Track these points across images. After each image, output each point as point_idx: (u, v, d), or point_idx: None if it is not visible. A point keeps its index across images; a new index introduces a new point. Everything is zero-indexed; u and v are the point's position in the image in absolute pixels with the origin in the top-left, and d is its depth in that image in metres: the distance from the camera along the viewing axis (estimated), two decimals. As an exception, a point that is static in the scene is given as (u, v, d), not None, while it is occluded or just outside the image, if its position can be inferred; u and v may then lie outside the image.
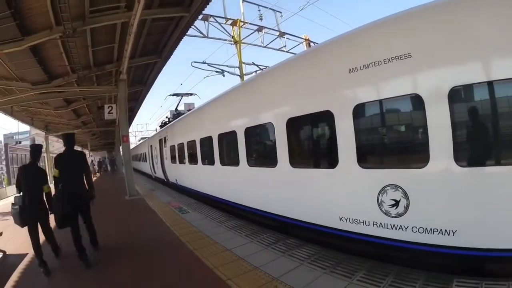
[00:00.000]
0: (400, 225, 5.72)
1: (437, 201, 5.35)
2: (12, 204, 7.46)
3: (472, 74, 4.97)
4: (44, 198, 7.60)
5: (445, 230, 5.21)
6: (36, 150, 8.13)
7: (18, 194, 7.39)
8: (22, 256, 8.28)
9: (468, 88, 5.09)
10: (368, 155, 6.43)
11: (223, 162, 11.98)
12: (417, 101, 5.47)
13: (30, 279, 6.78)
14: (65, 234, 7.64)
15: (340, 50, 7.21)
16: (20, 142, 51.66)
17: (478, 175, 5.00)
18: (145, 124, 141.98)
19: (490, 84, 4.84)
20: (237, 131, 10.46)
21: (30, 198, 7.22)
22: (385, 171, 5.98)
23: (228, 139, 11.46)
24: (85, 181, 8.16)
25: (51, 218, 7.78)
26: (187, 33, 17.10)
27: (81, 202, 7.90)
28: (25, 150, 54.17)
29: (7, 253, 8.76)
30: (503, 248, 4.81)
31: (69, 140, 8.48)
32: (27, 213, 7.17)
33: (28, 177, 7.48)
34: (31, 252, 7.73)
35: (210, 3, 13.63)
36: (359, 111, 6.34)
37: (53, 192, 7.88)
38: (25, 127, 53.13)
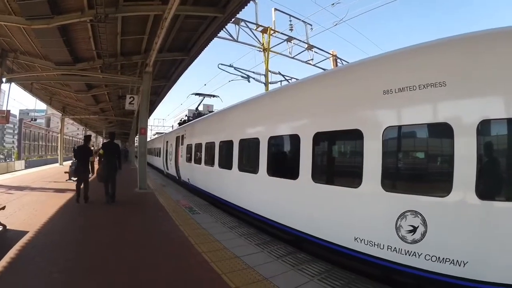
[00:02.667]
0: (414, 252, 5.61)
1: (454, 231, 5.27)
2: (70, 166, 17.37)
3: (502, 109, 4.95)
4: (89, 165, 14.19)
5: (457, 260, 5.13)
6: (87, 137, 16.01)
7: (75, 161, 15.67)
8: (23, 233, 8.35)
9: (497, 123, 5.04)
10: (393, 179, 6.30)
11: (241, 168, 11.85)
12: (447, 130, 5.37)
13: (27, 256, 6.79)
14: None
15: (377, 70, 7.11)
16: (35, 120, 51.60)
17: (496, 210, 4.94)
18: (162, 119, 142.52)
19: None
20: (260, 138, 10.34)
21: (82, 164, 13.81)
22: (408, 196, 5.86)
23: (249, 145, 11.37)
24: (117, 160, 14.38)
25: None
26: (217, 35, 17.16)
27: (113, 171, 13.90)
28: (39, 128, 54.42)
29: (7, 227, 8.79)
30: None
31: (112, 135, 15.98)
32: (80, 171, 13.80)
33: (82, 152, 14.12)
34: (32, 230, 8.58)
35: (244, 7, 13.59)
36: (389, 133, 6.24)
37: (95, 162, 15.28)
38: (41, 106, 53.32)
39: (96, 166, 14.61)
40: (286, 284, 5.82)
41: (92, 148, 18.31)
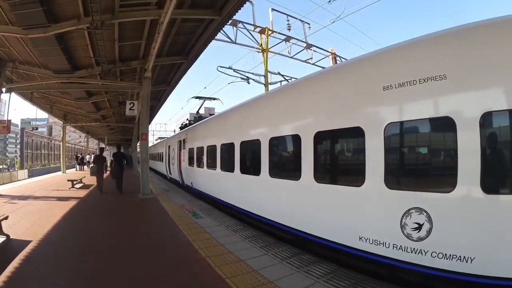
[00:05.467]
0: (420, 249, 5.54)
1: (459, 227, 5.20)
2: (91, 168, 28.20)
3: (504, 100, 4.86)
4: (103, 168, 21.37)
5: (464, 257, 5.05)
6: (102, 149, 23.73)
7: (94, 165, 21.81)
8: (26, 242, 8.32)
9: (500, 115, 4.93)
10: (396, 176, 6.22)
11: (243, 170, 11.81)
12: (449, 124, 5.29)
13: (31, 266, 6.77)
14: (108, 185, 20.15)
15: (376, 66, 7.01)
16: (37, 129, 51.56)
17: (501, 204, 4.85)
18: (164, 124, 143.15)
19: None
20: (261, 140, 10.29)
21: (99, 167, 20.60)
22: (412, 193, 5.77)
23: (250, 147, 11.29)
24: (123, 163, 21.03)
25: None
26: (215, 37, 17.12)
27: (121, 171, 19.99)
28: (41, 137, 54.67)
29: (10, 237, 8.81)
30: None
31: (119, 147, 23.54)
32: (97, 171, 20.53)
33: (99, 159, 20.90)
34: (35, 239, 8.59)
35: (241, 8, 13.54)
36: (390, 130, 6.16)
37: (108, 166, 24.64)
38: (43, 114, 53.43)
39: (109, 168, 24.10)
40: (292, 287, 5.76)
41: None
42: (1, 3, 11.68)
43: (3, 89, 18.78)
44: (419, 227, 5.54)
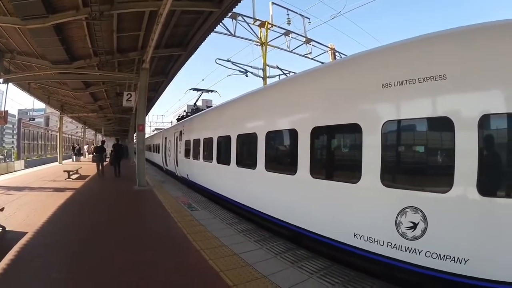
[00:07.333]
0: (414, 249, 5.53)
1: (454, 228, 5.18)
2: (93, 156, 34.98)
3: (503, 103, 4.83)
4: (104, 156, 26.30)
5: (458, 258, 5.05)
6: (103, 141, 30.04)
7: (97, 154, 26.84)
8: (21, 234, 8.34)
9: (497, 118, 4.93)
10: (392, 174, 6.20)
11: (239, 163, 11.78)
12: (447, 125, 5.26)
13: (26, 258, 6.76)
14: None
15: (376, 63, 6.99)
16: (34, 119, 51.70)
17: (497, 207, 4.83)
18: (161, 115, 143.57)
19: None
20: (258, 133, 10.26)
21: (99, 156, 25.85)
22: (408, 192, 5.74)
23: (247, 140, 11.30)
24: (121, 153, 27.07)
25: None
26: (214, 30, 16.99)
27: (119, 160, 25.44)
28: (38, 127, 54.51)
29: (6, 229, 8.79)
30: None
31: (117, 140, 32.01)
32: (98, 160, 25.58)
33: (100, 149, 26.64)
34: (31, 231, 8.71)
35: (241, 1, 13.50)
36: (388, 127, 6.14)
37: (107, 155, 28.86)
38: (40, 105, 53.35)
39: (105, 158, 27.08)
40: (285, 282, 5.77)
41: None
42: (-1, -7, 11.66)
43: (0, 80, 18.84)
44: (414, 226, 5.53)
